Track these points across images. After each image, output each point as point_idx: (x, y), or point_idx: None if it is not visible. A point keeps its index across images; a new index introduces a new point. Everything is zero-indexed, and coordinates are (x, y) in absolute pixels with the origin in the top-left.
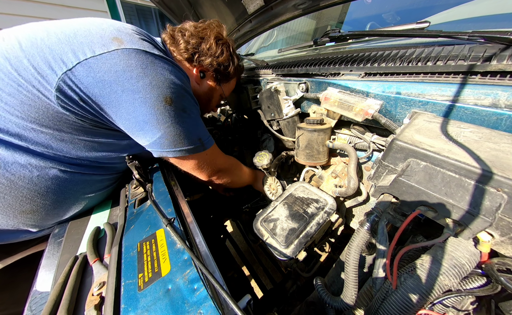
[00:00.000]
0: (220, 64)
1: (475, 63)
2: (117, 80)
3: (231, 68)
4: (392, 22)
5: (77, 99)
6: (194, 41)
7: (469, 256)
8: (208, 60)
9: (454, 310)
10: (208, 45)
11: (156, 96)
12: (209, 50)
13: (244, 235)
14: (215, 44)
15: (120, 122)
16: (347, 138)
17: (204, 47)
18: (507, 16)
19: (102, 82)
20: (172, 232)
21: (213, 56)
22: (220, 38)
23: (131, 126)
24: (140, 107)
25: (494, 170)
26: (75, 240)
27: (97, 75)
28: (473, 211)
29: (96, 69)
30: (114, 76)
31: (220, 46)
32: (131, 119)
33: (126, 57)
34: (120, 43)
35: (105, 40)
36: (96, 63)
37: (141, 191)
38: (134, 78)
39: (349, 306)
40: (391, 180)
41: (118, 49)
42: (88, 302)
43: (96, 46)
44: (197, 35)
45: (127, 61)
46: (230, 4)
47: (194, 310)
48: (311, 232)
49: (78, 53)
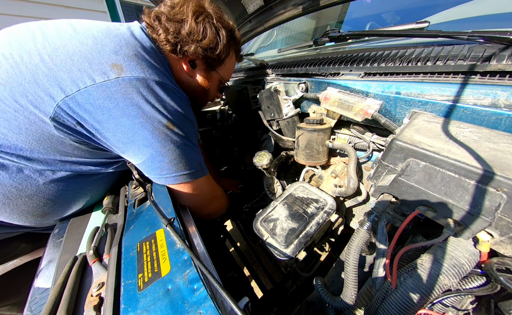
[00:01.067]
0: (206, 49)
1: (475, 63)
2: (117, 107)
3: (221, 48)
4: (391, 22)
5: (74, 124)
6: (172, 28)
7: (469, 256)
8: (191, 48)
9: (454, 309)
10: (187, 28)
11: (158, 123)
12: (190, 34)
13: (244, 235)
14: (195, 23)
15: (122, 148)
16: (346, 138)
17: (183, 32)
18: (507, 15)
19: (101, 109)
20: (172, 232)
21: (196, 42)
22: (200, 12)
23: (134, 152)
24: (142, 133)
25: (494, 170)
26: (75, 240)
27: (97, 102)
28: (472, 210)
29: (96, 97)
30: (114, 103)
31: (201, 23)
32: (134, 145)
33: (127, 85)
34: (120, 70)
35: (104, 67)
36: (96, 91)
37: (141, 191)
38: (135, 105)
39: (349, 306)
40: (390, 180)
41: (118, 77)
42: (87, 303)
43: (95, 74)
44: (174, 18)
45: (128, 89)
46: (229, 4)
47: (194, 310)
48: (311, 232)
49: (77, 81)
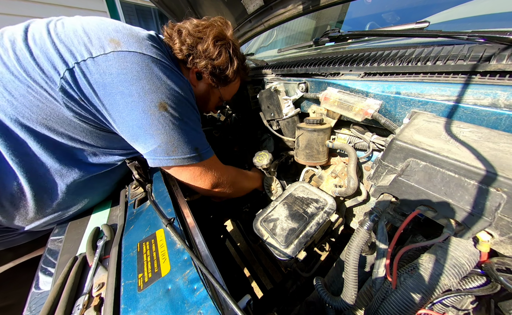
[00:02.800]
0: (216, 68)
1: (475, 63)
2: (112, 82)
3: (230, 72)
4: (391, 22)
5: (78, 98)
6: (190, 41)
7: (469, 256)
8: (202, 63)
9: (454, 309)
10: (205, 46)
11: (150, 101)
12: (205, 52)
13: (244, 235)
14: (213, 45)
15: (116, 126)
16: (346, 138)
17: (200, 48)
18: (507, 15)
19: (97, 84)
20: (172, 232)
21: (208, 59)
22: (221, 38)
23: (126, 130)
24: (134, 112)
25: (494, 170)
26: (75, 241)
27: (93, 77)
28: (472, 210)
29: (92, 71)
30: (109, 78)
31: (219, 47)
32: (125, 123)
33: (121, 59)
34: (117, 45)
35: (102, 41)
36: (92, 64)
37: (141, 191)
38: (128, 82)
39: (349, 305)
40: (390, 180)
41: (114, 51)
42: (87, 303)
43: (93, 47)
44: (195, 34)
45: (122, 63)
46: (229, 4)
47: (194, 310)
48: (311, 231)
49: (76, 54)
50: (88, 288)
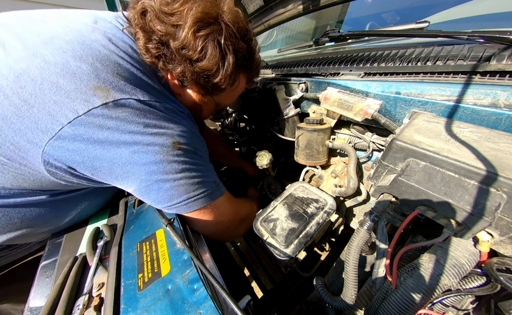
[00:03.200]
0: (199, 74)
1: (475, 63)
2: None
3: (221, 77)
4: (391, 22)
5: (66, 168)
6: (161, 32)
7: (469, 256)
8: (178, 69)
9: (454, 309)
10: (181, 40)
11: (161, 143)
12: (182, 50)
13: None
14: (193, 36)
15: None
16: (346, 138)
17: (173, 44)
18: (507, 15)
19: (92, 143)
20: (172, 232)
21: (187, 61)
22: (206, 22)
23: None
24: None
25: (494, 170)
26: (75, 241)
27: (85, 137)
28: (472, 210)
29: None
30: (106, 133)
31: (201, 40)
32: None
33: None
34: (106, 93)
35: (85, 93)
36: (81, 124)
37: None
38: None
39: (349, 305)
40: (390, 180)
41: (107, 102)
42: (87, 302)
43: (76, 104)
44: (166, 18)
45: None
46: None
47: (194, 310)
48: (311, 231)
49: (58, 117)
50: (88, 288)
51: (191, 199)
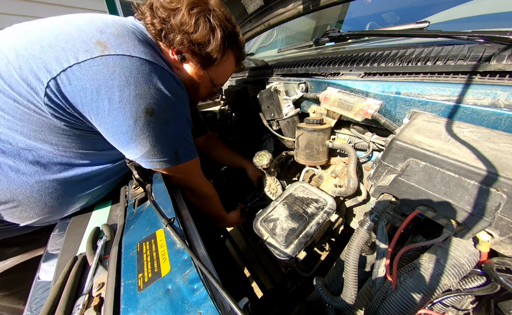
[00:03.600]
0: (194, 43)
1: (475, 63)
2: (99, 88)
3: (213, 47)
4: (391, 22)
5: (64, 106)
6: (163, 15)
7: (469, 256)
8: (177, 38)
9: (454, 309)
10: (179, 17)
11: (136, 107)
12: (181, 26)
13: (244, 235)
14: (188, 15)
15: (103, 132)
16: (346, 138)
17: (173, 21)
18: (507, 15)
19: (84, 90)
20: (172, 232)
21: (184, 33)
22: (197, 4)
23: (113, 136)
24: (120, 118)
25: (494, 170)
26: (75, 241)
27: (80, 83)
28: (472, 210)
29: (79, 77)
30: (96, 84)
31: (195, 16)
32: (112, 129)
33: (110, 64)
34: (104, 48)
35: (88, 45)
36: (79, 70)
37: (141, 191)
38: (116, 87)
39: (349, 305)
40: (390, 180)
41: (102, 55)
42: (87, 302)
43: (79, 52)
44: (168, 6)
45: (111, 68)
46: (229, 4)
47: (194, 310)
48: (311, 231)
49: (61, 61)
50: (88, 288)
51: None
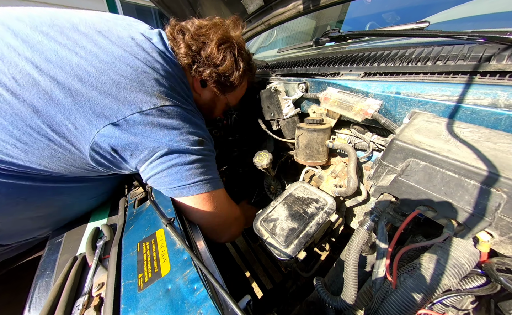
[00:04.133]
0: (221, 75)
1: (475, 63)
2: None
3: (235, 77)
4: (391, 22)
5: (109, 150)
6: (194, 46)
7: (469, 256)
8: (207, 72)
9: (454, 309)
10: (208, 51)
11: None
12: (209, 58)
13: (244, 235)
14: (217, 50)
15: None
16: (346, 138)
17: (203, 54)
18: (507, 15)
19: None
20: (172, 232)
21: (213, 66)
22: (225, 41)
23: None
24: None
25: (494, 170)
26: (75, 241)
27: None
28: (472, 210)
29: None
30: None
31: (223, 51)
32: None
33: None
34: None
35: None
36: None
37: (141, 191)
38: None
39: (349, 305)
40: (390, 180)
41: (164, 106)
42: (87, 302)
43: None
44: (198, 38)
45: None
46: (230, 4)
47: (194, 310)
48: (311, 231)
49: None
50: (88, 288)
51: (198, 182)
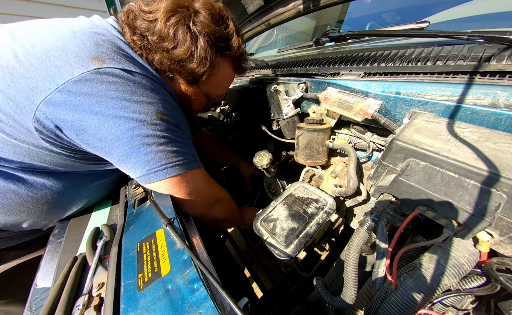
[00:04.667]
0: (175, 61)
1: (475, 63)
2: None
3: (197, 61)
4: (391, 22)
5: (53, 128)
6: (142, 26)
7: (469, 256)
8: (156, 57)
9: (454, 309)
10: (157, 31)
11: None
12: (159, 40)
13: (244, 235)
14: (164, 25)
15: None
16: (346, 138)
17: (152, 37)
18: (507, 15)
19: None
20: (172, 232)
21: (163, 51)
22: (174, 10)
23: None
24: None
25: (494, 170)
26: (75, 241)
27: (77, 98)
28: (472, 210)
29: (75, 91)
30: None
31: (173, 27)
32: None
33: (109, 76)
34: (102, 62)
35: (83, 60)
36: (74, 86)
37: (141, 190)
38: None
39: (348, 305)
40: (390, 180)
41: (100, 68)
42: (87, 302)
43: (74, 67)
44: (146, 16)
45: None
46: (229, 4)
47: (194, 310)
48: (311, 231)
49: (55, 78)
50: (88, 288)
51: (169, 164)
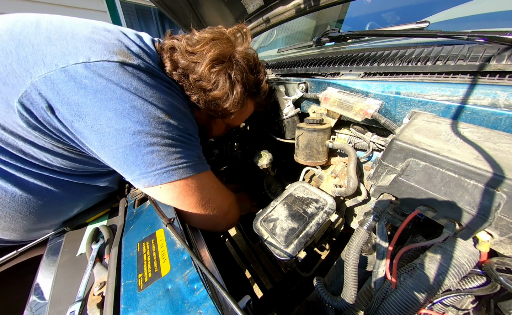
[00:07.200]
0: (211, 102)
1: (475, 63)
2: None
3: (230, 103)
4: (391, 22)
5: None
6: (183, 64)
7: (469, 256)
8: (194, 97)
9: (454, 309)
10: (199, 74)
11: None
12: (198, 81)
13: (244, 235)
14: (208, 71)
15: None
16: (346, 138)
17: (192, 76)
18: (507, 15)
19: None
20: (171, 232)
21: (202, 91)
22: (219, 60)
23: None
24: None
25: (494, 170)
26: (75, 241)
27: (84, 81)
28: (472, 210)
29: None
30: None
31: (216, 74)
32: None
33: (128, 68)
34: (127, 58)
35: (109, 52)
36: (86, 69)
37: (141, 191)
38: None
39: (348, 305)
40: (390, 180)
41: (124, 62)
42: (90, 301)
43: (95, 54)
44: (189, 56)
45: (126, 71)
46: (230, 4)
47: (194, 310)
48: (311, 231)
49: (67, 57)
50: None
51: (172, 166)
